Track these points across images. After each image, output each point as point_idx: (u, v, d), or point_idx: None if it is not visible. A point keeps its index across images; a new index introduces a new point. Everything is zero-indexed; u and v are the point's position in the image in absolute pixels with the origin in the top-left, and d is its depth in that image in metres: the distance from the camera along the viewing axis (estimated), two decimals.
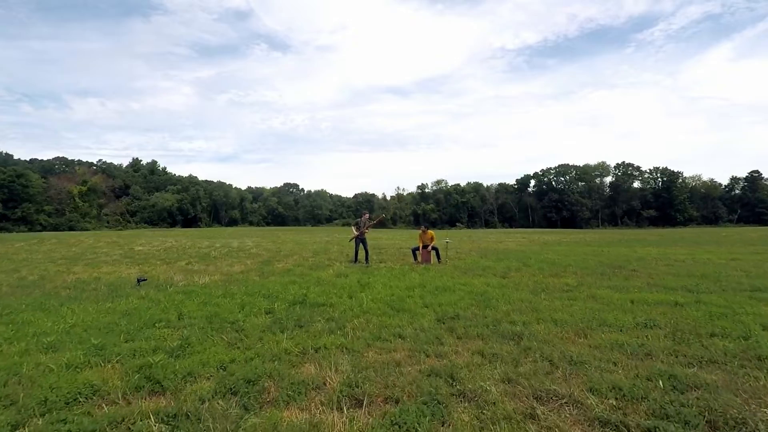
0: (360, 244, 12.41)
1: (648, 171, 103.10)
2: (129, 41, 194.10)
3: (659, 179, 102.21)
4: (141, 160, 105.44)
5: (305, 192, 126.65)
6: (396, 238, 30.32)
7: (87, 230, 60.65)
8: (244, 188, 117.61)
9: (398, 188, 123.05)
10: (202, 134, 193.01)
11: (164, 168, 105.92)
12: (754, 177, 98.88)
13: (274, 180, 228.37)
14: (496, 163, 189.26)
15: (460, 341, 4.50)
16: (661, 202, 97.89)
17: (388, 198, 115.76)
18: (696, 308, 5.82)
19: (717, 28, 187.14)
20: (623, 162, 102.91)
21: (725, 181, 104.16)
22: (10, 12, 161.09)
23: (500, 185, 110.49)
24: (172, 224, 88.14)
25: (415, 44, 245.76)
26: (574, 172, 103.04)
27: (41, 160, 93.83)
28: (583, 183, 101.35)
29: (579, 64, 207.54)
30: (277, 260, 13.54)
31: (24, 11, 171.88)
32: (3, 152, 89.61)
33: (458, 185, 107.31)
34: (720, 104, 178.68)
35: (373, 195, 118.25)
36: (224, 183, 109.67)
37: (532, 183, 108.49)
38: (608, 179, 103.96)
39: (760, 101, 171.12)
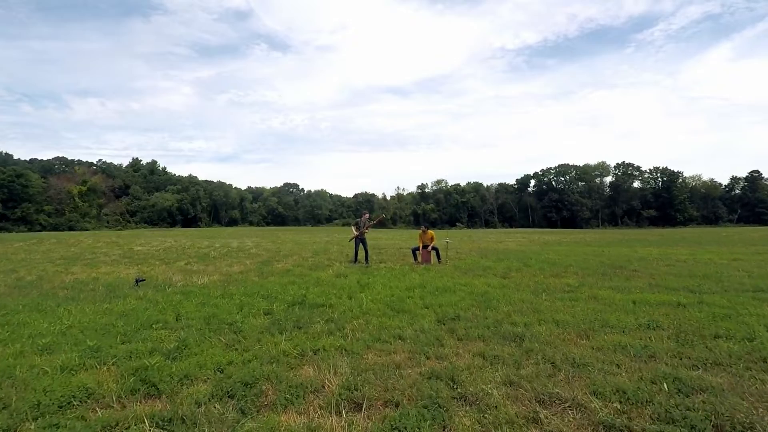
0: (360, 244, 12.37)
1: (648, 171, 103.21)
2: (129, 41, 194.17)
3: (659, 179, 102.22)
4: (141, 160, 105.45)
5: (305, 192, 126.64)
6: (396, 238, 30.26)
7: (87, 230, 60.57)
8: (244, 188, 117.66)
9: (398, 188, 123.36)
10: (202, 134, 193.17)
11: (164, 168, 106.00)
12: (754, 177, 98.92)
13: (274, 180, 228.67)
14: (496, 163, 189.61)
15: (461, 343, 4.45)
16: (661, 202, 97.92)
17: (388, 198, 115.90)
18: (699, 309, 5.76)
19: (717, 28, 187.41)
20: (623, 162, 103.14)
21: (725, 181, 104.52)
22: (10, 12, 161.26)
23: (500, 185, 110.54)
24: (172, 224, 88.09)
25: (415, 44, 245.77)
26: (574, 172, 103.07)
27: (41, 160, 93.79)
28: (583, 183, 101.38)
29: (579, 64, 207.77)
30: (277, 260, 13.49)
31: (24, 11, 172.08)
32: (3, 152, 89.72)
33: (458, 185, 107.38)
34: (720, 104, 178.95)
35: (373, 195, 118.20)
36: (224, 183, 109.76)
37: (532, 183, 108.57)
38: (608, 179, 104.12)
39: (760, 101, 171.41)
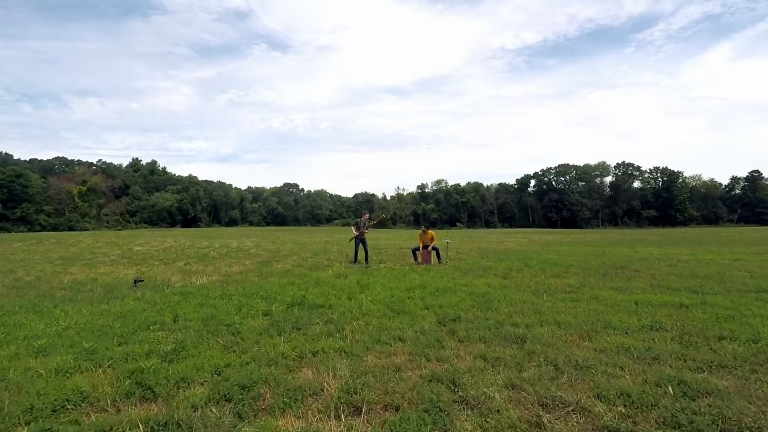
0: (360, 245, 12.31)
1: (648, 171, 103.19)
2: (129, 41, 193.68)
3: (659, 179, 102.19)
4: (141, 160, 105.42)
5: (305, 192, 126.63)
6: (396, 239, 30.20)
7: (86, 230, 60.52)
8: (244, 188, 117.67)
9: (398, 188, 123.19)
10: (202, 134, 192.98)
11: (164, 168, 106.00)
12: (755, 177, 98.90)
13: (274, 180, 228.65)
14: (496, 163, 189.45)
15: (462, 344, 4.39)
16: (662, 202, 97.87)
17: (388, 198, 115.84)
18: (702, 310, 5.70)
19: (717, 28, 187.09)
20: (623, 162, 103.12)
21: (725, 181, 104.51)
22: (10, 12, 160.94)
23: (500, 185, 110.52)
24: (172, 224, 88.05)
25: (415, 44, 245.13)
26: (574, 172, 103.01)
27: (41, 160, 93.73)
28: (583, 183, 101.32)
29: (579, 64, 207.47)
30: (276, 261, 13.43)
31: (24, 11, 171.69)
32: (3, 152, 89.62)
33: (458, 185, 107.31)
34: (720, 104, 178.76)
35: (373, 195, 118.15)
36: (224, 183, 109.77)
37: (532, 183, 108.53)
38: (608, 179, 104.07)
39: (760, 101, 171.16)
